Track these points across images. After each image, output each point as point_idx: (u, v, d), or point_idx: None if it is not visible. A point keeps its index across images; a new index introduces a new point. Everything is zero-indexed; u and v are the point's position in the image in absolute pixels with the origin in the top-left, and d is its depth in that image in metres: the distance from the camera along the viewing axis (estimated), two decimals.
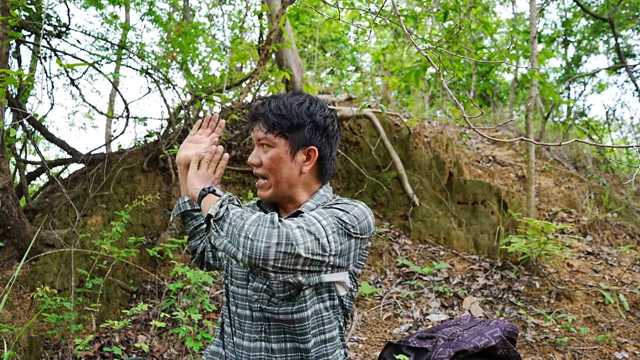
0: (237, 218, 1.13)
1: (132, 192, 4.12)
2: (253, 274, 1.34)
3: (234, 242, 1.11)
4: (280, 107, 1.32)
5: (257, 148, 1.35)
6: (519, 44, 4.49)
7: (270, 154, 1.32)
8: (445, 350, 1.23)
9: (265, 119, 1.33)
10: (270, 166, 1.32)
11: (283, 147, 1.32)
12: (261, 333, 1.30)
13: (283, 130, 1.31)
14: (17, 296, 2.91)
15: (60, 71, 4.86)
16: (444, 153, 5.32)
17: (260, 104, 1.38)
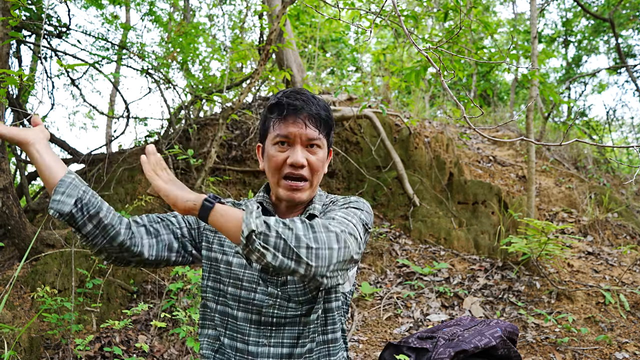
0: (284, 229, 1.00)
1: (132, 192, 4.12)
2: (264, 278, 1.27)
3: (291, 256, 0.99)
4: (324, 107, 1.29)
5: (302, 148, 1.25)
6: (519, 44, 4.49)
7: (320, 155, 1.28)
8: (445, 350, 1.23)
9: (318, 119, 1.26)
10: (318, 168, 1.28)
11: (325, 149, 1.31)
12: (270, 338, 1.26)
13: (329, 131, 1.30)
14: (18, 296, 2.92)
15: (60, 71, 4.87)
16: (444, 153, 5.32)
17: (294, 99, 1.26)
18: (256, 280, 1.26)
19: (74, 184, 1.13)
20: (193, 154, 3.85)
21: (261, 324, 1.26)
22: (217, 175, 4.55)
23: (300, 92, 1.28)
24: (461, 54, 4.20)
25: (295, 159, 1.23)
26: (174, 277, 3.36)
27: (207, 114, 5.85)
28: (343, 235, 1.04)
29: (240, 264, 1.29)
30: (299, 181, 1.26)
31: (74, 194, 1.13)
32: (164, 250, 1.28)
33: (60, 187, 1.12)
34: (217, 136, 3.80)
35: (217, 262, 1.31)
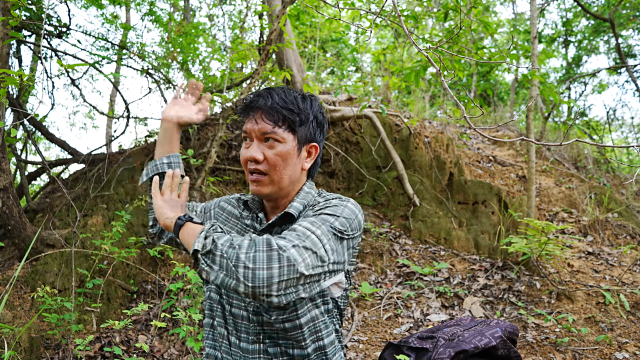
0: (229, 248, 1.05)
1: (132, 192, 4.12)
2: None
3: (231, 275, 1.03)
4: (287, 101, 1.27)
5: (258, 143, 1.26)
6: (519, 44, 4.49)
7: (278, 149, 1.25)
8: (445, 351, 1.23)
9: (272, 112, 1.25)
10: (276, 162, 1.26)
11: (291, 143, 1.27)
12: (259, 335, 1.27)
13: (292, 125, 1.27)
14: (18, 296, 2.92)
15: (60, 71, 4.87)
16: (444, 153, 5.32)
17: (255, 96, 1.29)
18: None
19: (179, 162, 1.45)
20: (193, 154, 3.85)
21: (250, 320, 1.27)
22: (217, 175, 4.55)
23: (269, 89, 1.30)
24: (461, 54, 4.20)
25: (249, 153, 1.26)
26: (174, 277, 3.36)
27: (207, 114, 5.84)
28: (291, 252, 1.03)
29: None
30: (257, 174, 1.27)
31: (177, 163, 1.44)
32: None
33: (171, 157, 1.44)
34: (217, 136, 3.80)
35: None
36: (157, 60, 5.10)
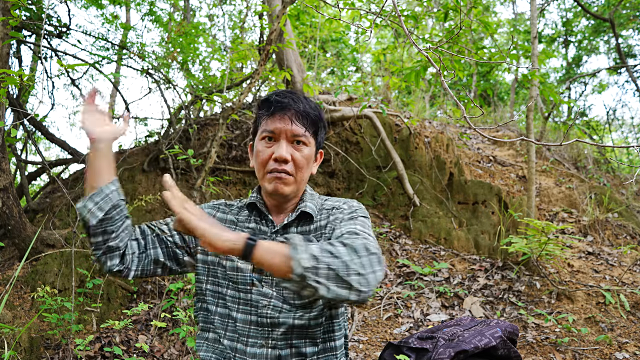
0: (329, 257, 1.01)
1: (132, 192, 4.12)
2: (259, 279, 1.27)
3: (343, 286, 1.00)
4: (313, 107, 1.32)
5: (287, 143, 1.28)
6: (519, 44, 4.49)
7: (306, 152, 1.30)
8: (445, 351, 1.23)
9: (305, 116, 1.29)
10: (303, 164, 1.29)
11: (312, 148, 1.32)
12: (268, 339, 1.26)
13: (317, 130, 1.33)
14: (18, 296, 2.92)
15: (60, 71, 4.87)
16: (444, 153, 5.32)
17: (283, 97, 1.30)
18: (249, 281, 1.29)
19: (110, 198, 1.23)
20: (193, 154, 3.85)
21: (259, 324, 1.26)
22: (217, 175, 4.55)
23: (291, 92, 1.31)
24: (461, 54, 4.20)
25: (280, 153, 1.25)
26: (174, 277, 3.36)
27: (207, 114, 5.85)
28: (379, 255, 1.08)
29: (232, 267, 1.31)
30: (283, 174, 1.27)
31: (106, 206, 1.22)
32: (150, 264, 1.32)
33: (97, 195, 1.22)
34: (217, 136, 3.80)
35: (215, 266, 1.33)
36: (157, 60, 5.10)
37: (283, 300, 1.26)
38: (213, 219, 1.09)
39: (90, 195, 1.21)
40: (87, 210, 1.21)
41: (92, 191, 1.22)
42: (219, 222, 1.14)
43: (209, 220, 1.05)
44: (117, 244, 1.25)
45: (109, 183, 1.23)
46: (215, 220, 1.08)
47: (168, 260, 1.34)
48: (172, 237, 1.34)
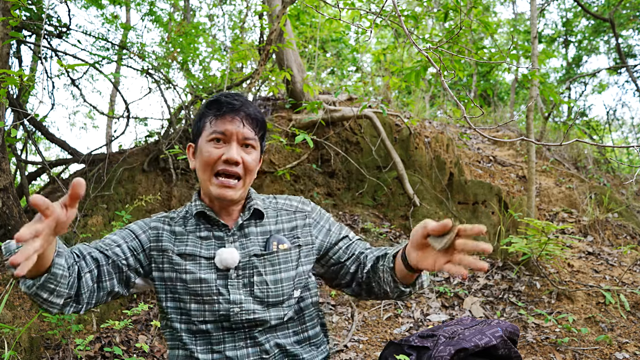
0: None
1: (132, 192, 4.12)
2: (223, 288, 1.24)
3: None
4: (260, 112, 1.32)
5: (237, 146, 1.26)
6: (519, 44, 4.49)
7: (254, 155, 1.30)
8: (446, 348, 1.23)
9: (254, 119, 1.28)
10: (252, 167, 1.29)
11: (258, 152, 1.33)
12: (246, 340, 1.25)
13: (262, 135, 1.33)
14: (18, 296, 2.92)
15: (61, 71, 4.87)
16: (444, 153, 5.32)
17: (232, 98, 1.27)
18: (215, 291, 1.24)
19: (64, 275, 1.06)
20: None
21: (234, 329, 1.25)
22: None
23: (239, 94, 1.31)
24: (461, 54, 4.20)
25: (231, 155, 1.23)
26: None
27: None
28: None
29: (194, 279, 1.25)
30: (232, 178, 1.25)
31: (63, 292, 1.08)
32: (104, 296, 1.23)
33: (50, 282, 1.04)
34: None
35: (173, 281, 1.27)
36: (157, 60, 5.10)
37: (253, 301, 1.25)
38: None
39: (42, 282, 1.03)
40: (43, 300, 1.06)
41: (38, 272, 1.02)
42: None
43: None
44: (70, 295, 1.11)
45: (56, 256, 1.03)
46: None
47: (121, 288, 1.26)
48: (127, 260, 1.25)
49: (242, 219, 1.32)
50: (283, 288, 1.28)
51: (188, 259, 1.27)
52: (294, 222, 1.36)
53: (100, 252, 1.23)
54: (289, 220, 1.36)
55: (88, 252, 1.21)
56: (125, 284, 1.27)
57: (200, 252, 1.28)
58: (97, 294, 1.20)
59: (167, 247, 1.29)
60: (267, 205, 1.38)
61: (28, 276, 1.03)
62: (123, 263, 1.25)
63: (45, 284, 1.04)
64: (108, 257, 1.23)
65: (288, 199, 1.42)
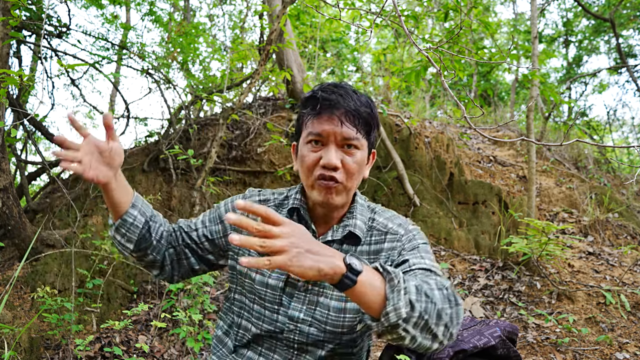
0: (425, 302, 0.89)
1: None
2: (288, 298, 1.17)
3: (428, 336, 0.91)
4: (366, 102, 1.14)
5: (336, 148, 1.11)
6: (519, 44, 4.48)
7: (358, 157, 1.13)
8: (444, 350, 1.22)
9: (356, 115, 1.11)
10: (354, 171, 1.12)
11: (365, 150, 1.16)
12: (292, 358, 1.19)
13: (369, 130, 1.15)
14: (18, 296, 2.92)
15: (60, 71, 4.87)
16: (444, 153, 5.31)
17: (330, 92, 1.12)
18: (278, 301, 1.18)
19: (135, 224, 1.19)
20: (193, 154, 3.85)
21: (284, 345, 1.19)
22: (218, 176, 4.55)
23: (339, 85, 1.15)
24: (461, 54, 4.20)
25: (328, 159, 1.09)
26: None
27: (207, 114, 5.85)
28: (462, 306, 0.98)
29: (262, 282, 1.19)
30: (331, 181, 1.12)
31: (134, 236, 1.19)
32: (188, 272, 1.31)
33: (122, 227, 1.18)
34: (217, 136, 3.80)
35: (242, 276, 1.24)
36: (157, 60, 5.10)
37: (310, 323, 1.16)
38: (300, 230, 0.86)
39: (115, 226, 1.18)
40: (117, 242, 1.21)
41: (115, 220, 1.19)
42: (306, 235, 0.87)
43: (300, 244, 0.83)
44: (154, 257, 1.24)
45: (130, 208, 1.17)
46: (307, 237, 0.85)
47: (204, 266, 1.30)
48: (202, 245, 1.27)
49: (333, 236, 1.17)
50: (345, 319, 1.15)
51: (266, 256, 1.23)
52: (380, 244, 1.18)
53: (181, 233, 1.29)
54: (376, 242, 1.19)
55: (176, 229, 1.30)
56: (208, 264, 1.31)
57: None
58: (180, 270, 1.29)
59: None
60: (365, 224, 1.21)
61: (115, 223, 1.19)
62: (199, 247, 1.28)
63: (119, 228, 1.18)
64: (183, 239, 1.28)
65: (388, 219, 1.22)
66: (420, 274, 1.05)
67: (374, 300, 0.87)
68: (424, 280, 0.99)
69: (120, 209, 1.16)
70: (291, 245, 0.81)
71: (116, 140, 1.09)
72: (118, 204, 1.15)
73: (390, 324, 0.86)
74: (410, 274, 1.07)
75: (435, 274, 1.06)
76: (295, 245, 0.81)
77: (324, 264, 0.82)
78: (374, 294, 0.86)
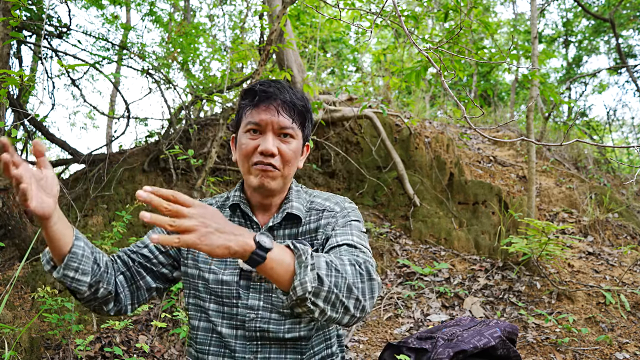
0: (335, 276, 0.94)
1: (133, 192, 4.13)
2: (245, 290, 1.21)
3: (339, 309, 0.95)
4: (300, 97, 1.23)
5: (273, 136, 1.19)
6: (519, 44, 4.48)
7: (293, 145, 1.21)
8: (444, 351, 1.23)
9: (291, 106, 1.20)
10: (290, 158, 1.20)
11: (300, 140, 1.24)
12: (257, 353, 1.21)
13: (304, 122, 1.25)
14: (18, 296, 2.92)
15: (61, 71, 4.87)
16: (444, 153, 5.32)
17: (268, 86, 1.20)
18: (235, 294, 1.22)
19: (86, 255, 1.11)
20: (193, 154, 3.85)
21: (246, 338, 1.21)
22: (218, 176, 4.55)
23: (276, 81, 1.23)
24: (461, 54, 4.20)
25: (266, 146, 1.16)
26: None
27: (207, 114, 5.85)
28: (379, 281, 1.03)
29: (216, 280, 1.23)
30: (270, 167, 1.19)
31: (88, 267, 1.12)
32: (144, 294, 1.27)
33: (73, 260, 1.09)
34: (217, 136, 3.80)
35: (195, 279, 1.26)
36: (158, 60, 5.10)
37: (270, 309, 1.20)
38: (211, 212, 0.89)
39: (65, 262, 1.08)
40: (71, 279, 1.10)
41: (61, 256, 1.08)
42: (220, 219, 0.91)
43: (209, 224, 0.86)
44: (106, 289, 1.17)
45: (75, 240, 1.09)
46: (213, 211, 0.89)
47: (160, 283, 1.28)
48: (156, 259, 1.27)
49: (273, 222, 1.25)
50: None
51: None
52: (318, 222, 1.26)
53: (128, 256, 1.26)
54: (315, 220, 1.26)
55: (119, 255, 1.26)
56: (163, 279, 1.29)
57: None
58: (136, 294, 1.25)
59: None
60: (304, 206, 1.29)
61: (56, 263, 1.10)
62: (153, 262, 1.26)
63: (69, 263, 1.09)
64: (133, 260, 1.25)
65: (326, 199, 1.30)
66: (345, 250, 1.11)
67: (283, 276, 0.91)
68: (342, 256, 1.05)
69: (64, 243, 1.07)
70: (200, 225, 0.84)
71: (49, 168, 1.01)
72: (61, 237, 1.05)
73: (297, 297, 0.90)
74: (336, 249, 1.13)
75: (360, 250, 1.12)
76: (205, 225, 0.85)
77: (233, 242, 0.86)
78: (283, 270, 0.91)
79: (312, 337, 1.25)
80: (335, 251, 1.13)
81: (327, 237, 1.22)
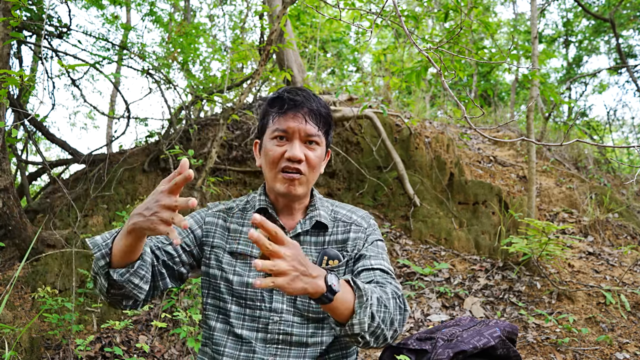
0: (383, 313, 1.06)
1: (133, 192, 4.13)
2: (269, 293, 1.23)
3: (379, 339, 1.09)
4: (324, 105, 1.28)
5: (300, 143, 1.23)
6: (519, 44, 4.48)
7: (318, 152, 1.26)
8: (444, 351, 1.23)
9: (317, 115, 1.25)
10: (315, 164, 1.25)
11: (324, 147, 1.30)
12: (275, 356, 1.21)
13: (328, 129, 1.30)
14: (19, 296, 2.92)
15: (61, 71, 4.87)
16: (444, 153, 5.31)
17: (294, 94, 1.25)
18: (260, 297, 1.23)
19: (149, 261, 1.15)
20: (194, 154, 3.85)
21: (266, 341, 1.22)
22: (218, 176, 4.55)
23: (301, 89, 1.28)
24: (462, 54, 4.20)
25: (293, 152, 1.20)
26: None
27: (207, 114, 5.85)
28: (408, 311, 1.17)
29: (240, 282, 1.24)
30: (295, 173, 1.23)
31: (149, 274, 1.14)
32: (157, 292, 1.25)
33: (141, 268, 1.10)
34: (217, 136, 3.80)
35: (217, 279, 1.27)
36: (158, 60, 5.11)
37: (294, 312, 1.22)
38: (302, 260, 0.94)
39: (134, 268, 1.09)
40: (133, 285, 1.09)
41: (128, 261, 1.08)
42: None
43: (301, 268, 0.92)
44: (138, 292, 1.14)
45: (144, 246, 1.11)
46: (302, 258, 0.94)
47: (174, 283, 1.28)
48: (179, 257, 1.26)
49: (301, 228, 1.28)
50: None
51: (239, 258, 1.26)
52: (347, 234, 1.31)
53: (153, 252, 1.23)
54: (343, 232, 1.31)
55: (153, 249, 1.24)
56: (178, 278, 1.29)
57: (252, 252, 1.26)
58: (152, 292, 1.24)
59: (219, 245, 1.28)
60: (329, 215, 1.34)
61: (118, 266, 1.07)
62: (175, 261, 1.25)
63: (138, 270, 1.09)
64: (158, 257, 1.23)
65: (350, 211, 1.37)
66: (379, 276, 1.20)
67: (343, 312, 1.01)
68: (382, 285, 1.16)
69: (138, 252, 1.08)
70: (292, 269, 0.91)
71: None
72: (140, 247, 1.06)
73: (353, 333, 1.02)
74: (370, 272, 1.22)
75: (391, 277, 1.22)
76: (295, 269, 0.92)
77: (310, 286, 0.94)
78: (344, 308, 1.01)
79: (334, 342, 1.27)
80: (370, 274, 1.21)
81: (358, 252, 1.29)
